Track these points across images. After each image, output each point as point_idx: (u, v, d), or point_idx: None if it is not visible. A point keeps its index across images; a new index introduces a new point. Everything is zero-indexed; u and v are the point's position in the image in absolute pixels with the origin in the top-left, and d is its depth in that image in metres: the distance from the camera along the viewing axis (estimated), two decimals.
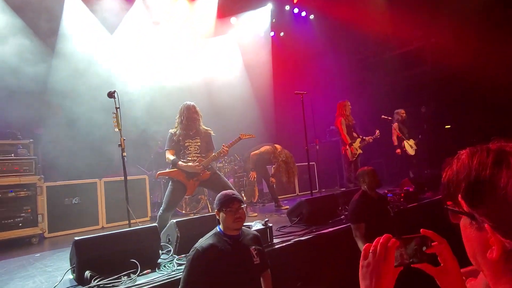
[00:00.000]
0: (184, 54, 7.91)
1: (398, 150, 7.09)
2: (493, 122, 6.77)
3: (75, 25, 6.46)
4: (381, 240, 0.82)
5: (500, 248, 0.60)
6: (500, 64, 6.53)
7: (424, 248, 0.82)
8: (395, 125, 7.18)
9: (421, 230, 0.85)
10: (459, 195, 0.67)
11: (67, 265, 2.90)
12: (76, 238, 2.70)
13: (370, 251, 0.82)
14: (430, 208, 4.93)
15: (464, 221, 0.68)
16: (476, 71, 6.81)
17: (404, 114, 7.26)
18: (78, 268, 2.62)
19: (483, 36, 6.71)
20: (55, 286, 2.61)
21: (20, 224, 4.59)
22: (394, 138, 7.13)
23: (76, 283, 2.64)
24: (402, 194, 5.07)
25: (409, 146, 7.14)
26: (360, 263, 0.84)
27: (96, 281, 2.50)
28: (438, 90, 8.29)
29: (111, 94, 3.70)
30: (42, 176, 4.95)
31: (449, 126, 8.48)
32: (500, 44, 6.48)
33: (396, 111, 7.34)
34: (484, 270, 0.66)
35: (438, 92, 8.33)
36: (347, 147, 6.65)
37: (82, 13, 6.59)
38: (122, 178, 3.74)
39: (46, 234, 4.87)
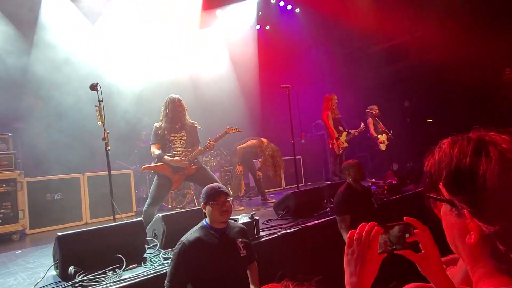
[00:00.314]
0: (169, 46, 7.79)
1: (380, 140, 7.25)
2: (476, 115, 6.96)
3: (55, 14, 6.25)
4: (366, 228, 0.84)
5: (478, 233, 0.62)
6: (484, 58, 6.71)
7: (406, 235, 0.84)
8: (370, 120, 7.33)
9: (404, 217, 0.87)
10: (440, 183, 0.69)
11: (50, 261, 2.84)
12: (59, 233, 2.64)
13: (354, 238, 0.84)
14: (412, 200, 5.05)
15: (444, 208, 0.70)
16: (460, 65, 6.98)
17: (377, 110, 7.40)
18: (62, 264, 2.57)
19: (467, 30, 6.85)
20: (37, 283, 2.55)
21: (0, 221, 4.46)
22: (372, 131, 7.27)
23: (60, 279, 2.59)
24: (386, 187, 5.18)
25: (381, 142, 7.31)
26: (345, 251, 0.86)
27: (80, 277, 2.46)
28: (422, 84, 8.46)
29: (93, 87, 3.62)
30: (22, 171, 4.81)
31: (430, 120, 8.68)
32: (484, 39, 6.63)
33: (369, 107, 7.47)
34: (463, 255, 0.69)
35: (422, 86, 8.49)
36: (334, 141, 6.72)
37: (61, 2, 6.38)
38: (106, 172, 3.68)
39: (28, 231, 4.74)
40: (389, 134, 7.15)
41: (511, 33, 6.60)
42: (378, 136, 7.27)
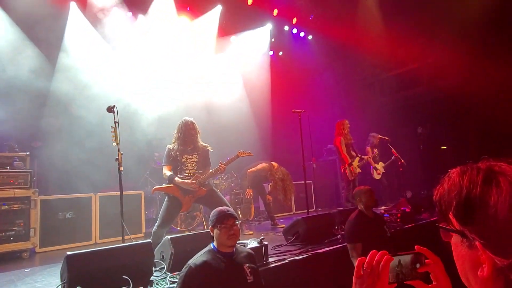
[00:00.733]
0: (184, 71, 8.02)
1: (378, 171, 7.19)
2: (491, 143, 6.82)
3: (77, 40, 6.59)
4: (376, 257, 0.82)
5: (491, 266, 0.60)
6: (499, 85, 6.65)
7: (417, 265, 0.82)
8: (367, 149, 7.27)
9: (415, 246, 0.85)
10: (450, 213, 0.68)
11: (57, 281, 2.84)
12: (69, 253, 2.65)
13: (364, 267, 0.82)
14: (426, 229, 4.90)
15: (455, 239, 0.69)
16: (474, 91, 6.92)
17: (378, 139, 7.38)
18: (69, 284, 2.56)
19: (481, 56, 6.85)
20: None
21: (12, 238, 4.50)
22: (371, 160, 7.21)
23: None
24: (399, 215, 5.04)
25: (375, 172, 7.21)
26: (354, 279, 0.83)
27: None
28: (434, 110, 8.40)
29: (110, 109, 3.72)
30: (37, 189, 4.90)
31: (445, 147, 8.53)
32: (498, 65, 6.60)
33: (372, 134, 7.43)
34: None
35: (435, 113, 8.43)
36: (347, 166, 6.65)
37: (84, 29, 6.72)
38: (118, 193, 3.71)
39: (38, 249, 4.77)
40: (402, 161, 7.02)
41: None
42: (376, 166, 7.21)
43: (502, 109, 6.55)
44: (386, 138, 7.32)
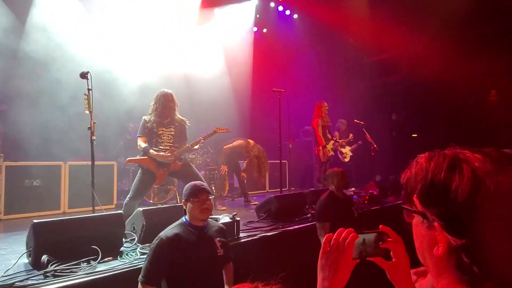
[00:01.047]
0: (166, 41, 7.72)
1: (344, 155, 7.50)
2: (460, 133, 7.15)
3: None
4: (343, 234, 0.86)
5: (446, 245, 0.65)
6: (473, 78, 6.91)
7: (380, 243, 0.87)
8: (336, 134, 7.49)
9: (380, 226, 0.90)
10: (415, 195, 0.72)
11: (22, 248, 2.77)
12: (35, 220, 2.58)
13: (331, 243, 0.86)
14: (391, 212, 5.15)
15: (416, 220, 0.73)
16: (449, 83, 7.17)
17: (346, 125, 7.67)
18: (35, 252, 2.51)
19: (459, 50, 7.05)
20: (7, 270, 2.48)
21: None
22: (337, 145, 7.45)
23: (31, 268, 2.53)
24: (367, 197, 5.26)
25: (341, 155, 7.53)
26: (320, 254, 0.87)
27: (53, 266, 2.41)
28: (411, 99, 8.64)
29: (83, 75, 3.56)
30: (2, 154, 4.68)
31: (416, 135, 8.85)
32: (475, 59, 6.81)
33: (340, 120, 7.64)
34: (430, 265, 0.71)
35: (410, 101, 8.68)
36: (321, 148, 6.79)
37: None
38: (89, 162, 3.62)
39: (2, 216, 4.62)
40: (374, 146, 7.23)
41: (501, 55, 6.83)
42: (341, 149, 7.44)
43: (471, 101, 6.84)
44: (362, 122, 7.47)
